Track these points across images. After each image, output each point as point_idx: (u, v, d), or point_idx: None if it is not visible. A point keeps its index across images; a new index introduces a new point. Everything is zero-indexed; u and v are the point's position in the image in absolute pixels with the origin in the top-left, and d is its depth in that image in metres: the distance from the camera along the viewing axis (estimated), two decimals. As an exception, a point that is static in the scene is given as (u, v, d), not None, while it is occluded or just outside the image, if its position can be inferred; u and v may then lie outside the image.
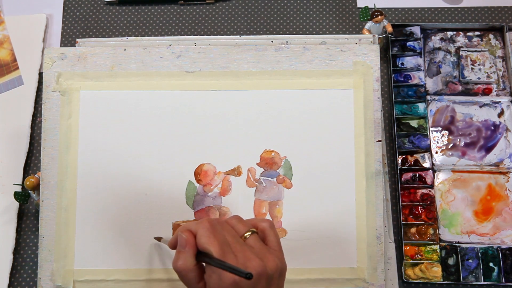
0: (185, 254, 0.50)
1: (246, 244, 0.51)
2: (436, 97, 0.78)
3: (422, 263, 0.70)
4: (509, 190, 0.73)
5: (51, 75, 0.67)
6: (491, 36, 0.81)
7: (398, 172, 0.73)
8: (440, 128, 0.76)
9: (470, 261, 0.70)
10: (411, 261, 0.70)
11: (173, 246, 0.53)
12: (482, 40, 0.81)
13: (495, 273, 0.69)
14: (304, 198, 0.66)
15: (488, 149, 0.75)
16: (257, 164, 0.66)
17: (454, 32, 0.81)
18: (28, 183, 0.68)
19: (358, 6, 0.84)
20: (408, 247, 0.71)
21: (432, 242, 0.71)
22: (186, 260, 0.50)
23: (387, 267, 0.68)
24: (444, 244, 0.71)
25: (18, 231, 0.74)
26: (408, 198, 0.73)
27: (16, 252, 0.73)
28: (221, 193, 0.66)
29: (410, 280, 0.70)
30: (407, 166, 0.74)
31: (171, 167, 0.66)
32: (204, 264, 0.51)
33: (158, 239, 0.64)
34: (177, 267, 0.51)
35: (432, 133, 0.76)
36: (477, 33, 0.81)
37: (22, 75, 0.81)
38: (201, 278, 0.51)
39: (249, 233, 0.52)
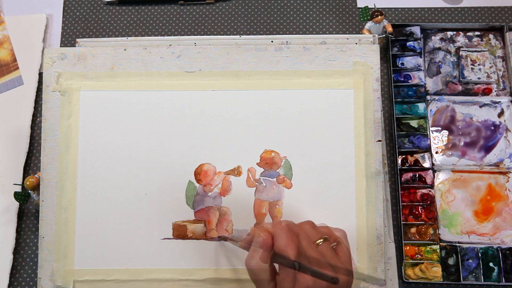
0: (261, 254, 0.50)
1: (318, 250, 0.51)
2: (436, 97, 0.78)
3: (422, 263, 0.70)
4: (509, 190, 0.73)
5: (51, 75, 0.67)
6: (491, 36, 0.81)
7: (398, 172, 0.73)
8: (440, 128, 0.76)
9: (470, 261, 0.70)
10: (411, 261, 0.70)
11: (247, 246, 0.53)
12: (482, 40, 0.81)
13: (495, 273, 0.69)
14: (304, 198, 0.66)
15: (488, 149, 0.75)
16: (257, 164, 0.66)
17: (454, 32, 0.81)
18: (28, 183, 0.68)
19: (358, 6, 0.84)
20: (408, 247, 0.71)
21: (432, 242, 0.71)
22: (262, 259, 0.50)
23: (387, 267, 0.68)
24: (444, 244, 0.71)
25: (18, 231, 0.74)
26: (408, 198, 0.73)
27: (16, 252, 0.73)
28: (221, 193, 0.66)
29: (410, 280, 0.70)
30: (407, 166, 0.74)
31: (171, 167, 0.66)
32: (276, 265, 0.51)
33: (224, 238, 0.64)
34: (252, 265, 0.50)
35: (432, 133, 0.76)
36: (477, 33, 0.81)
37: (22, 75, 0.81)
38: (273, 279, 0.51)
39: (321, 240, 0.51)
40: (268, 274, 0.50)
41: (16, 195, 0.71)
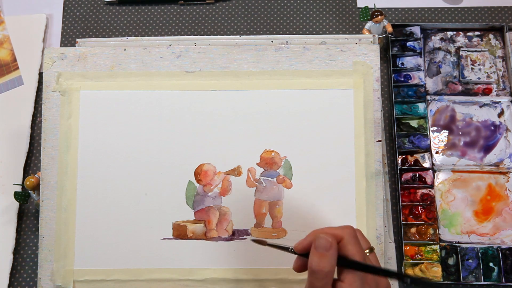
0: (328, 257, 0.50)
1: (370, 260, 0.52)
2: (436, 97, 0.78)
3: (422, 263, 0.70)
4: (509, 190, 0.73)
5: (51, 75, 0.67)
6: (491, 36, 0.81)
7: (398, 172, 0.73)
8: (440, 128, 0.76)
9: (470, 261, 0.70)
10: (411, 261, 0.70)
11: (304, 249, 0.52)
12: (482, 40, 0.81)
13: (495, 273, 0.69)
14: (304, 198, 0.66)
15: (488, 149, 0.75)
16: (257, 164, 0.66)
17: (454, 32, 0.81)
18: (28, 183, 0.68)
19: (358, 6, 0.84)
20: (408, 247, 0.71)
21: (432, 242, 0.71)
22: (329, 262, 0.49)
23: (387, 267, 0.68)
24: (444, 244, 0.71)
25: (18, 231, 0.74)
26: (408, 198, 0.73)
27: (16, 252, 0.73)
28: (221, 193, 0.66)
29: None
30: (407, 166, 0.74)
31: (171, 167, 0.66)
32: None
33: (260, 242, 0.57)
34: (320, 269, 0.49)
35: (432, 133, 0.76)
36: (477, 33, 0.81)
37: (22, 75, 0.81)
38: (333, 283, 0.50)
39: (368, 250, 0.53)
40: (331, 278, 0.50)
41: (16, 195, 0.71)
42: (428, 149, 0.75)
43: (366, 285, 0.49)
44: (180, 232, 0.65)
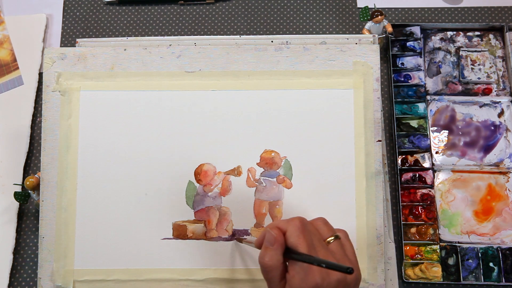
0: (273, 251, 0.50)
1: (329, 249, 0.51)
2: (436, 97, 0.78)
3: (422, 263, 0.70)
4: (509, 190, 0.73)
5: (51, 75, 0.67)
6: (491, 36, 0.81)
7: (398, 172, 0.73)
8: (440, 128, 0.76)
9: (470, 261, 0.70)
10: (411, 261, 0.70)
11: (260, 244, 0.53)
12: (482, 40, 0.81)
13: (495, 273, 0.69)
14: (304, 198, 0.66)
15: (488, 149, 0.75)
16: (257, 164, 0.66)
17: (454, 32, 0.81)
18: (28, 183, 0.68)
19: (358, 6, 0.84)
20: (408, 247, 0.71)
21: (432, 242, 0.71)
22: (274, 256, 0.50)
23: (387, 267, 0.68)
24: (444, 244, 0.71)
25: (18, 231, 0.74)
26: (408, 198, 0.73)
27: (16, 252, 0.73)
28: (221, 193, 0.66)
29: (410, 280, 0.70)
30: (407, 166, 0.74)
31: (171, 167, 0.66)
32: (287, 263, 0.51)
33: (240, 240, 0.64)
34: (264, 262, 0.50)
35: (432, 133, 0.76)
36: (477, 33, 0.81)
37: (22, 75, 0.81)
38: (283, 276, 0.51)
39: (333, 238, 0.52)
40: (279, 272, 0.50)
41: (16, 195, 0.71)
42: (428, 149, 0.75)
43: (310, 276, 0.48)
44: (180, 232, 0.65)
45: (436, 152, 0.75)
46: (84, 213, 0.66)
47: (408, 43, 0.80)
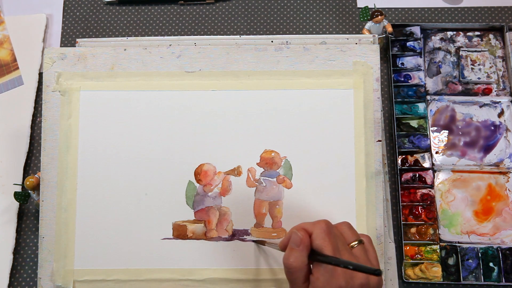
0: (299, 252, 0.51)
1: (353, 253, 0.52)
2: (436, 97, 0.78)
3: (422, 263, 0.70)
4: (509, 190, 0.73)
5: (51, 75, 0.67)
6: (491, 36, 0.81)
7: (398, 172, 0.73)
8: (440, 128, 0.76)
9: (470, 261, 0.70)
10: (411, 261, 0.70)
11: (284, 246, 0.53)
12: (482, 40, 0.81)
13: (495, 273, 0.69)
14: (304, 198, 0.66)
15: (488, 149, 0.75)
16: (257, 164, 0.66)
17: (454, 32, 0.81)
18: (28, 183, 0.68)
19: (358, 6, 0.84)
20: (408, 247, 0.71)
21: (432, 242, 0.71)
22: (299, 258, 0.50)
23: (387, 267, 0.68)
24: (444, 244, 0.71)
25: (18, 231, 0.74)
26: (408, 198, 0.73)
27: (16, 252, 0.73)
28: (221, 193, 0.66)
29: (410, 280, 0.70)
30: (407, 166, 0.74)
31: (171, 167, 0.66)
32: (311, 265, 0.51)
33: (262, 243, 0.64)
34: (289, 263, 0.51)
35: (432, 133, 0.76)
36: (477, 33, 0.81)
37: (22, 75, 0.81)
38: (307, 278, 0.51)
39: (357, 242, 0.53)
40: (304, 273, 0.51)
41: (16, 195, 0.71)
42: (428, 149, 0.75)
43: (335, 279, 0.49)
44: (180, 232, 0.65)
45: (436, 152, 0.75)
46: (84, 213, 0.66)
47: (408, 43, 0.80)
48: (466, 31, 0.81)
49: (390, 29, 0.78)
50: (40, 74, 0.81)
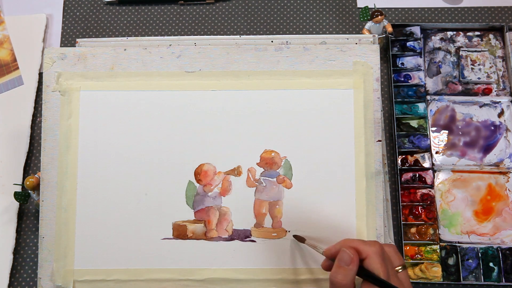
0: (348, 271, 0.51)
1: (399, 277, 0.52)
2: (436, 97, 0.78)
3: (422, 263, 0.70)
4: (509, 190, 0.73)
5: (51, 75, 0.67)
6: (491, 36, 0.81)
7: (398, 172, 0.73)
8: (440, 128, 0.76)
9: (470, 261, 0.70)
10: (411, 261, 0.70)
11: (331, 255, 0.54)
12: (482, 40, 0.81)
13: (495, 273, 0.69)
14: (304, 198, 0.66)
15: (488, 149, 0.75)
16: (257, 164, 0.66)
17: (454, 32, 0.81)
18: (28, 183, 0.68)
19: (358, 6, 0.84)
20: (408, 247, 0.71)
21: (432, 242, 0.71)
22: (347, 276, 0.51)
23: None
24: (444, 244, 0.71)
25: (18, 231, 0.74)
26: (408, 198, 0.73)
27: (16, 252, 0.73)
28: (221, 193, 0.66)
29: (411, 280, 0.69)
30: (407, 166, 0.74)
31: (171, 167, 0.66)
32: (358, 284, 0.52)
33: (301, 240, 0.64)
34: (337, 281, 0.51)
35: (432, 133, 0.76)
36: (477, 33, 0.81)
37: (22, 75, 0.81)
38: None
39: (401, 267, 0.53)
40: None
41: (16, 195, 0.71)
42: (428, 149, 0.75)
43: None
44: (180, 232, 0.65)
45: (436, 152, 0.75)
46: (84, 213, 0.66)
47: (408, 43, 0.80)
48: (466, 31, 0.81)
49: (390, 29, 0.78)
50: (40, 74, 0.81)
